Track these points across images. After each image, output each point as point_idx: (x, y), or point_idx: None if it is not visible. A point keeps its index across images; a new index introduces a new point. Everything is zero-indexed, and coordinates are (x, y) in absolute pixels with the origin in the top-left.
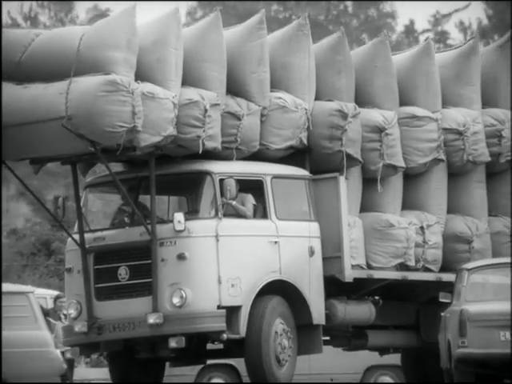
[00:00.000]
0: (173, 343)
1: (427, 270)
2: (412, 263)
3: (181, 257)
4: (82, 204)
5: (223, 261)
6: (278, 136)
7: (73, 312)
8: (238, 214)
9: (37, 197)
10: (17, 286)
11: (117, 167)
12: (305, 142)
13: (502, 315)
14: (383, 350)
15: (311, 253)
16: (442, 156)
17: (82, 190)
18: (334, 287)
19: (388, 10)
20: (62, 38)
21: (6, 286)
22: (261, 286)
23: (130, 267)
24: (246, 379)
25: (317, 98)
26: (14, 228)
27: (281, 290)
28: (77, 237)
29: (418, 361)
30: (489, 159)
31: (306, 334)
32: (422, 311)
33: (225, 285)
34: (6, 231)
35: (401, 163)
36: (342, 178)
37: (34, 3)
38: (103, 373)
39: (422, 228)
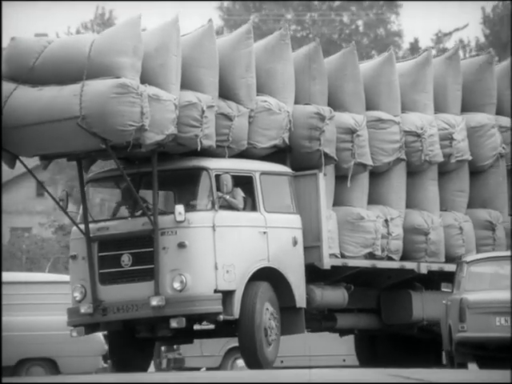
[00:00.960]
0: (174, 323)
1: (390, 258)
2: (379, 253)
3: (181, 245)
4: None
5: (219, 249)
6: (264, 136)
7: (78, 295)
8: (230, 207)
9: (47, 189)
10: (63, 276)
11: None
12: (287, 141)
13: (497, 303)
14: (346, 332)
15: (294, 243)
16: (404, 156)
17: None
18: (310, 274)
19: (395, 29)
20: (73, 45)
21: (54, 276)
22: (252, 272)
23: (132, 254)
24: None
25: (294, 102)
26: (61, 224)
27: (268, 275)
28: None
29: (370, 343)
30: (442, 159)
31: (289, 316)
32: (383, 296)
33: (221, 271)
34: (54, 227)
35: (369, 162)
36: (321, 175)
37: (80, 25)
38: None
39: (386, 221)
